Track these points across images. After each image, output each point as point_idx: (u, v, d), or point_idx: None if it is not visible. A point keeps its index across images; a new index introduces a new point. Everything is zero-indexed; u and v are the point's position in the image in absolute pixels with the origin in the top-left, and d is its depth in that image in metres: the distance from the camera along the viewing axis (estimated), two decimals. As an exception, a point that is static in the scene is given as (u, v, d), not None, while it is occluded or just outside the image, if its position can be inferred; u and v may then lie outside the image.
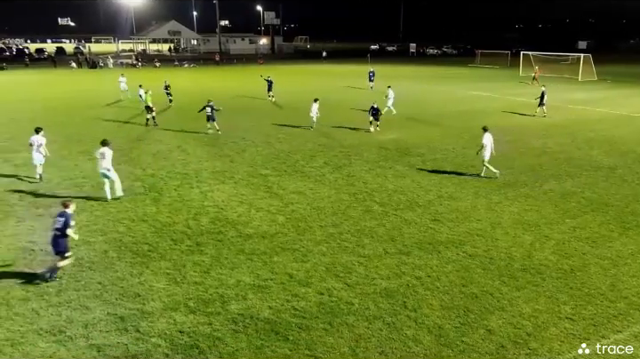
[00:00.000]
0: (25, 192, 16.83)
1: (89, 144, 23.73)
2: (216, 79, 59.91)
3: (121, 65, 79.96)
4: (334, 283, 11.05)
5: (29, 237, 13.26)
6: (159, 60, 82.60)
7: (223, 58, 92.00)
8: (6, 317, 9.64)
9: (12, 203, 15.87)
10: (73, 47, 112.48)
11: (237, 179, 18.43)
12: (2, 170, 19.46)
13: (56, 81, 56.85)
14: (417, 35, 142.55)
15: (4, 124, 28.68)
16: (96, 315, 9.74)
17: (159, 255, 12.30)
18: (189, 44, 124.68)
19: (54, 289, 10.68)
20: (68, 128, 27.69)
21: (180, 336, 9.12)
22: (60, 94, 43.41)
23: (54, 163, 19.93)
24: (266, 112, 34.26)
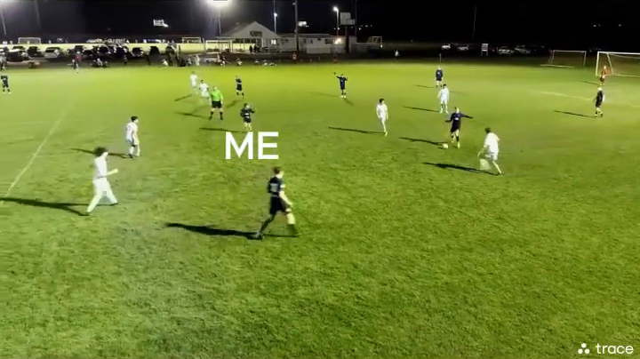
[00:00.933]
0: (120, 178, 17.87)
1: (176, 136, 24.88)
2: (292, 77, 60.77)
3: (206, 63, 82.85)
4: (397, 275, 11.00)
5: (122, 218, 14.12)
6: (241, 59, 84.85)
7: (300, 57, 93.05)
8: (101, 288, 10.36)
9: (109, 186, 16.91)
10: (165, 47, 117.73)
11: (309, 171, 18.67)
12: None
13: (150, 77, 59.77)
14: (489, 34, 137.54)
15: (103, 117, 30.58)
16: (177, 292, 10.25)
17: (235, 240, 12.74)
18: (269, 44, 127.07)
19: (142, 266, 11.34)
20: (159, 121, 29.10)
21: (250, 315, 9.44)
22: (152, 90, 45.66)
23: (146, 152, 21.07)
24: (338, 109, 34.38)
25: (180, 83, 52.76)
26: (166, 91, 43.57)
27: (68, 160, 20.41)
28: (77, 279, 10.71)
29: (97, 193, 14.47)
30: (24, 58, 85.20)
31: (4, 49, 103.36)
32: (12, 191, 16.42)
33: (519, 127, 27.68)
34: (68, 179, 17.81)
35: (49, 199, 15.67)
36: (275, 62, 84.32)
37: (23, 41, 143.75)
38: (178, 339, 8.74)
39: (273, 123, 28.38)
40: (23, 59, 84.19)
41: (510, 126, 27.80)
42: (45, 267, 11.25)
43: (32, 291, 10.24)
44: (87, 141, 23.68)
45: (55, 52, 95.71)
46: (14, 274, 10.94)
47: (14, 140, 24.02)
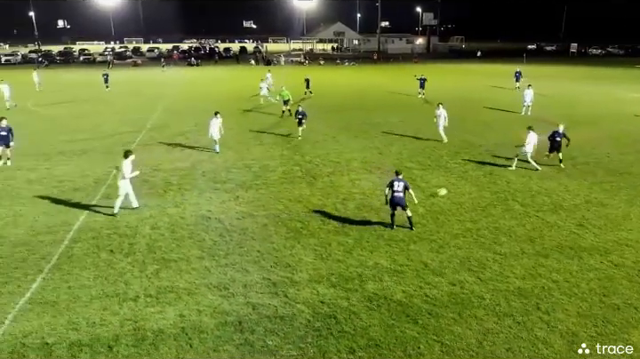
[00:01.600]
0: (207, 169, 18.76)
1: (259, 131, 25.63)
2: (372, 76, 60.46)
3: (291, 63, 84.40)
4: (467, 276, 10.70)
5: (208, 207, 14.81)
6: (323, 59, 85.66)
7: (380, 57, 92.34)
8: (186, 270, 10.96)
9: (196, 177, 17.83)
10: (253, 47, 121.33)
11: (384, 170, 18.56)
12: (190, 150, 21.84)
13: (238, 76, 61.84)
14: (579, 34, 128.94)
15: (195, 112, 32.11)
16: (253, 278, 10.62)
17: (309, 232, 12.96)
18: (351, 44, 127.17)
19: (223, 252, 11.85)
20: (244, 116, 30.13)
21: (320, 306, 9.59)
22: (238, 87, 47.20)
23: (232, 146, 21.91)
24: (415, 108, 33.81)
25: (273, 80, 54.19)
26: (252, 89, 44.92)
27: (161, 151, 21.68)
28: (166, 260, 11.40)
29: (120, 194, 14.10)
30: (128, 57, 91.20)
31: (112, 49, 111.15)
32: (113, 178, 17.69)
33: (606, 130, 25.84)
34: (161, 168, 18.92)
35: (144, 186, 16.72)
36: (355, 62, 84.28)
37: (128, 41, 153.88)
38: (252, 322, 9.07)
39: (351, 120, 28.51)
40: (127, 57, 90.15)
41: (596, 129, 26.04)
42: (139, 247, 12.07)
43: (127, 268, 11.03)
44: (179, 134, 25.01)
45: (155, 52, 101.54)
46: (112, 252, 11.83)
47: (117, 132, 25.85)
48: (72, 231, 12.99)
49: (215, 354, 8.23)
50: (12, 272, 10.86)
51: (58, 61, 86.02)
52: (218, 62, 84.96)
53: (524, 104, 30.48)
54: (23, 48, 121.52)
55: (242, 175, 18.02)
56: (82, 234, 12.86)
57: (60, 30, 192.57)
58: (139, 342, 8.49)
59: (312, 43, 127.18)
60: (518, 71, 43.85)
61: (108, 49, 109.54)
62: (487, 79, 53.54)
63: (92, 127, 27.10)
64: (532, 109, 30.15)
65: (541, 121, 28.02)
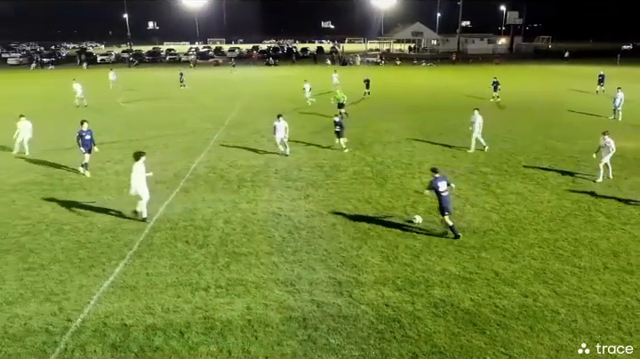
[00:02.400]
0: (279, 167, 19.20)
1: (332, 130, 25.80)
2: (449, 77, 58.97)
3: (366, 63, 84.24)
4: (541, 289, 10.20)
5: (278, 204, 15.17)
6: (400, 59, 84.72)
7: (459, 57, 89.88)
8: (255, 265, 11.30)
9: (269, 174, 18.30)
10: (330, 47, 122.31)
11: (457, 174, 18.09)
12: (264, 148, 22.40)
13: (313, 75, 62.51)
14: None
15: (272, 110, 32.90)
16: (320, 276, 10.76)
17: (377, 234, 12.92)
18: (429, 44, 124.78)
19: (291, 249, 12.10)
20: (317, 115, 30.47)
21: (385, 308, 9.54)
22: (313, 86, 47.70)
23: (304, 145, 22.24)
24: (493, 111, 32.57)
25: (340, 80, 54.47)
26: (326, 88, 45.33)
27: (237, 148, 22.43)
28: (236, 254, 11.82)
29: (140, 194, 13.68)
30: (210, 56, 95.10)
31: (196, 49, 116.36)
32: (191, 172, 18.59)
33: None
34: (236, 165, 19.61)
35: (220, 182, 17.43)
36: (433, 62, 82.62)
37: (211, 41, 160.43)
38: (316, 320, 9.19)
39: (425, 122, 28.03)
40: (209, 57, 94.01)
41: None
42: (212, 240, 12.60)
43: (200, 259, 11.56)
44: (255, 132, 25.77)
45: (236, 52, 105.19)
46: (188, 243, 12.44)
47: (197, 129, 27.08)
48: (152, 221, 13.80)
49: (279, 348, 8.43)
50: (99, 256, 11.72)
51: (146, 60, 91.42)
52: (295, 62, 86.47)
53: (614, 108, 28.54)
54: (117, 48, 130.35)
55: (313, 174, 18.27)
56: (161, 224, 13.63)
57: (150, 31, 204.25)
58: (208, 330, 8.88)
59: (389, 44, 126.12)
60: (602, 74, 40.98)
61: (192, 49, 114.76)
62: (572, 81, 50.53)
63: (174, 123, 28.57)
64: (623, 115, 28.15)
65: (631, 126, 26.14)
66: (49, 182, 17.49)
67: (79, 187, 16.89)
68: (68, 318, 9.24)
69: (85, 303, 9.74)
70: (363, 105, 35.31)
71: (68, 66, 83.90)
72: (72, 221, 13.87)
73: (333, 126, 21.81)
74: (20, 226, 13.59)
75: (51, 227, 13.52)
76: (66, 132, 25.91)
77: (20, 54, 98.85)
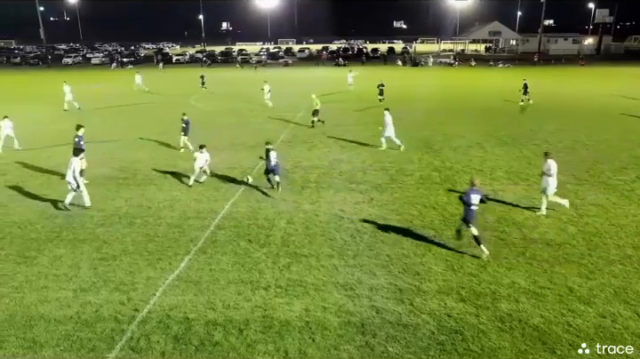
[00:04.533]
0: (344, 169, 19.25)
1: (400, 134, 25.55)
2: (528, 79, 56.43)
3: (439, 64, 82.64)
4: (621, 309, 9.58)
5: (341, 206, 15.23)
6: (475, 60, 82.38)
7: (541, 58, 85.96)
8: (315, 267, 11.42)
9: (333, 176, 18.42)
10: (401, 47, 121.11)
11: (532, 182, 17.35)
12: (329, 149, 22.58)
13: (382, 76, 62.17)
14: None
15: (337, 111, 33.12)
16: (380, 282, 10.70)
17: (442, 242, 12.65)
18: (507, 44, 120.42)
19: (352, 252, 12.12)
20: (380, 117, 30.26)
21: (447, 319, 9.33)
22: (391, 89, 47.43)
23: (370, 147, 22.17)
24: (576, 116, 30.92)
25: (409, 81, 53.84)
26: (397, 89, 44.97)
27: (303, 148, 22.77)
28: (297, 255, 12.00)
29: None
30: (280, 57, 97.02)
31: (266, 49, 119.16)
32: (257, 171, 19.06)
33: None
34: (300, 165, 19.89)
35: (283, 182, 17.72)
36: (511, 64, 79.58)
37: (282, 42, 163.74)
38: (375, 326, 9.16)
39: (499, 126, 27.10)
40: (279, 57, 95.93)
41: None
42: (274, 240, 12.87)
43: (261, 259, 11.84)
44: (321, 133, 26.01)
45: (305, 52, 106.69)
46: (250, 242, 12.78)
47: (263, 128, 27.71)
48: (217, 218, 14.31)
49: (335, 352, 8.48)
50: (166, 250, 12.31)
51: (219, 61, 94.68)
52: (365, 63, 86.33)
53: None
54: (191, 49, 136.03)
55: (378, 177, 18.18)
56: (225, 222, 14.09)
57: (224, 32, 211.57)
58: (266, 329, 9.09)
59: (464, 44, 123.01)
60: None
61: (263, 49, 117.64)
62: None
63: (241, 123, 29.42)
64: None
65: None
66: (123, 177, 18.57)
67: (150, 183, 17.79)
68: (135, 308, 9.79)
69: (151, 294, 10.26)
70: (431, 107, 34.68)
71: (145, 65, 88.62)
72: (142, 215, 14.66)
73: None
74: (96, 217, 14.54)
75: (123, 219, 14.36)
76: (138, 129, 27.41)
77: (103, 54, 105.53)
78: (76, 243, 12.82)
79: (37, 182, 18.04)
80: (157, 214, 14.73)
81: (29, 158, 21.38)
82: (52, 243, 12.83)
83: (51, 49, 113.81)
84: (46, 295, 10.30)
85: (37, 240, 13.01)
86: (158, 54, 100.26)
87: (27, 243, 12.85)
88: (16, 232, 13.55)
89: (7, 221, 14.30)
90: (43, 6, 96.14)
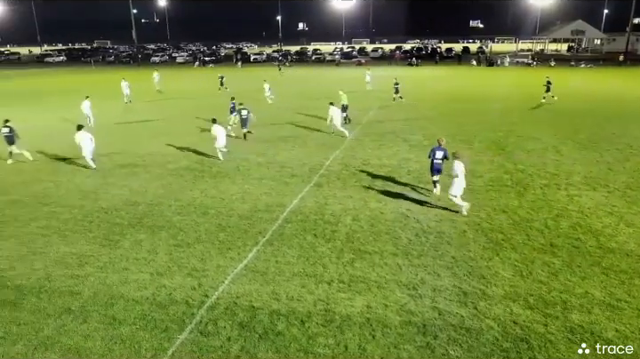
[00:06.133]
0: (412, 168, 18.88)
1: (471, 135, 24.74)
2: (614, 80, 52.83)
3: (516, 64, 79.17)
4: None
5: (407, 205, 14.95)
6: (555, 60, 78.15)
7: (628, 58, 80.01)
8: (378, 264, 11.29)
9: (401, 175, 18.13)
10: (477, 47, 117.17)
11: (612, 188, 16.20)
12: (398, 148, 22.24)
13: (455, 75, 60.56)
14: None
15: (405, 109, 32.59)
16: (444, 284, 10.40)
17: (511, 246, 12.10)
18: (591, 44, 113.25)
19: (416, 252, 11.87)
20: (456, 117, 29.40)
21: (512, 326, 8.91)
22: (452, 87, 46.16)
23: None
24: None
25: (482, 81, 51.97)
26: (463, 90, 43.58)
27: (372, 147, 22.59)
28: (361, 252, 11.92)
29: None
30: (354, 56, 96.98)
31: (340, 49, 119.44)
32: (325, 168, 19.15)
33: None
34: (369, 163, 19.75)
35: (352, 179, 17.70)
36: (593, 64, 74.73)
37: (356, 42, 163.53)
38: (436, 328, 8.91)
39: (578, 128, 25.52)
40: (353, 57, 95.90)
41: None
42: (339, 236, 12.87)
43: (326, 253, 11.87)
44: (390, 132, 25.71)
45: (378, 52, 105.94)
46: (316, 236, 12.85)
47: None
48: (285, 212, 14.51)
49: (395, 350, 8.34)
50: (236, 241, 12.65)
51: (293, 60, 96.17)
52: (438, 63, 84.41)
53: None
54: (268, 48, 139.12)
55: (446, 178, 17.66)
56: (293, 216, 14.27)
57: (300, 32, 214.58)
58: (327, 323, 9.10)
59: (543, 43, 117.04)
60: None
61: (337, 49, 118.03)
62: None
63: (314, 120, 29.65)
64: None
65: None
66: (200, 169, 19.30)
67: (225, 176, 18.36)
68: (205, 294, 10.13)
69: (220, 282, 10.58)
70: (505, 107, 33.24)
71: (225, 64, 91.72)
72: (216, 206, 15.16)
73: None
74: (174, 206, 15.21)
75: (198, 209, 14.92)
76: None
77: (187, 53, 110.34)
78: (154, 229, 13.49)
79: (124, 172, 19.14)
80: (229, 206, 15.18)
81: (119, 148, 22.74)
82: (133, 228, 13.58)
83: (141, 48, 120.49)
84: (126, 276, 10.91)
85: (121, 225, 13.82)
86: (237, 54, 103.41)
87: (112, 227, 13.68)
88: (103, 217, 14.46)
89: (96, 207, 15.29)
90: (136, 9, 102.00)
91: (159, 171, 19.17)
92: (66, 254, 12.04)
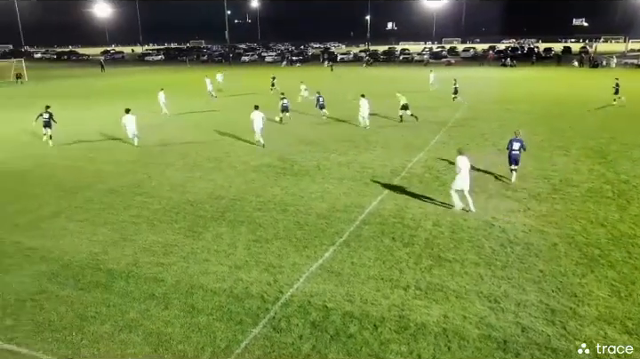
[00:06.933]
0: (499, 174, 18.02)
1: (568, 140, 23.19)
2: None
3: (624, 65, 73.13)
4: None
5: (493, 213, 14.29)
6: (671, 61, 71.22)
7: None
8: (458, 273, 10.87)
9: (487, 181, 17.38)
10: (579, 47, 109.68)
11: None
12: (486, 152, 21.32)
13: (553, 78, 57.05)
14: None
15: (498, 114, 31.19)
16: (529, 299, 9.80)
17: (608, 263, 11.17)
18: None
19: (501, 263, 11.29)
20: (552, 121, 27.70)
21: (607, 351, 8.18)
22: (549, 90, 43.49)
23: (532, 154, 20.43)
24: None
25: (588, 82, 48.65)
26: (561, 92, 40.91)
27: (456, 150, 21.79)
28: (441, 259, 11.56)
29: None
30: (443, 56, 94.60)
31: (430, 49, 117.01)
32: (407, 170, 18.82)
33: None
34: (452, 168, 19.02)
35: (435, 182, 17.25)
36: None
37: (446, 41, 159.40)
38: (519, 345, 8.42)
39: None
40: (442, 57, 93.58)
41: None
42: (418, 241, 12.57)
43: (403, 258, 11.64)
44: (479, 136, 24.76)
45: (470, 52, 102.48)
46: (394, 240, 12.64)
47: (419, 128, 27.21)
48: (364, 214, 14.42)
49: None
50: (313, 239, 12.76)
51: (381, 60, 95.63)
52: (535, 63, 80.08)
53: None
54: (355, 48, 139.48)
55: (537, 186, 16.69)
56: (371, 218, 14.14)
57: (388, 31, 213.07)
58: (401, 329, 8.91)
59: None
60: None
61: (426, 49, 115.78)
62: None
63: (397, 121, 29.25)
64: None
65: None
66: (282, 167, 19.71)
67: (305, 174, 18.61)
68: (279, 290, 10.31)
69: (295, 279, 10.72)
70: (609, 112, 30.79)
71: (312, 64, 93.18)
72: (295, 204, 15.39)
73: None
74: (255, 202, 15.65)
75: (278, 206, 15.23)
76: (300, 123, 28.83)
77: (275, 53, 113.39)
78: (235, 223, 13.95)
79: (210, 166, 20.02)
80: (308, 204, 15.35)
81: (205, 142, 23.84)
82: (216, 221, 14.14)
83: (233, 48, 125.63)
84: (207, 267, 11.37)
85: (204, 217, 14.45)
86: (325, 53, 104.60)
87: (196, 219, 14.34)
88: (189, 209, 15.20)
89: (183, 199, 16.10)
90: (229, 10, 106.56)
91: (242, 167, 19.83)
92: (153, 242, 12.78)
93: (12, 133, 27.54)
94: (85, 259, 11.89)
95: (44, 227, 13.98)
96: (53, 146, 23.88)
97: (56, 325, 9.29)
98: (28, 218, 14.66)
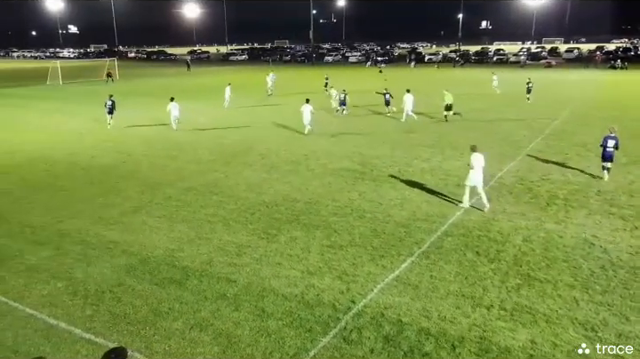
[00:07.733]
0: (604, 189, 16.82)
1: None
2: None
3: None
4: None
5: (594, 231, 13.33)
6: None
7: None
8: (550, 295, 10.21)
9: (588, 194, 16.27)
10: None
11: None
12: (588, 163, 19.95)
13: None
14: None
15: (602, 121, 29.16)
16: (633, 330, 8.98)
17: None
18: None
19: (600, 287, 10.48)
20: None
21: None
22: None
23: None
24: None
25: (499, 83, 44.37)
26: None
27: (555, 160, 20.65)
28: (530, 278, 10.93)
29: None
30: (542, 57, 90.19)
31: (527, 49, 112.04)
32: (497, 180, 18.06)
33: None
34: (549, 179, 18.09)
35: (526, 195, 16.40)
36: None
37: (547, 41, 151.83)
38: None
39: None
40: (541, 58, 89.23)
41: None
42: (505, 256, 11.98)
43: (488, 274, 11.14)
44: (580, 145, 23.27)
45: (574, 53, 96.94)
46: (478, 254, 12.14)
47: (512, 134, 26.09)
48: (446, 224, 14.00)
49: (561, 398, 7.45)
50: (390, 248, 12.56)
51: (472, 60, 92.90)
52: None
53: None
54: (445, 48, 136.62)
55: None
56: (454, 229, 13.70)
57: (482, 31, 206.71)
58: (482, 352, 8.50)
59: None
60: None
61: (523, 49, 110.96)
62: None
63: (490, 126, 28.20)
64: None
65: None
66: (361, 171, 19.65)
67: (385, 180, 18.42)
68: (352, 299, 10.23)
69: (370, 290, 10.59)
70: None
71: (397, 64, 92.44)
72: (373, 210, 15.26)
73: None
74: (331, 206, 15.70)
75: (354, 212, 15.18)
76: (380, 125, 28.60)
77: (360, 53, 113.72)
78: (310, 227, 14.07)
79: (288, 168, 20.37)
80: (387, 211, 15.16)
81: (285, 142, 24.33)
82: (290, 224, 14.34)
83: (316, 48, 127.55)
84: (279, 271, 11.54)
85: (279, 220, 14.70)
86: (412, 54, 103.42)
87: (270, 221, 14.63)
88: (264, 210, 15.54)
89: (259, 200, 16.50)
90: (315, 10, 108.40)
91: (320, 170, 19.99)
92: (227, 242, 13.19)
93: (100, 130, 29.68)
94: (162, 255, 12.50)
95: (126, 221, 14.88)
96: (111, 129, 29.31)
97: (131, 318, 9.82)
98: (111, 211, 15.69)
